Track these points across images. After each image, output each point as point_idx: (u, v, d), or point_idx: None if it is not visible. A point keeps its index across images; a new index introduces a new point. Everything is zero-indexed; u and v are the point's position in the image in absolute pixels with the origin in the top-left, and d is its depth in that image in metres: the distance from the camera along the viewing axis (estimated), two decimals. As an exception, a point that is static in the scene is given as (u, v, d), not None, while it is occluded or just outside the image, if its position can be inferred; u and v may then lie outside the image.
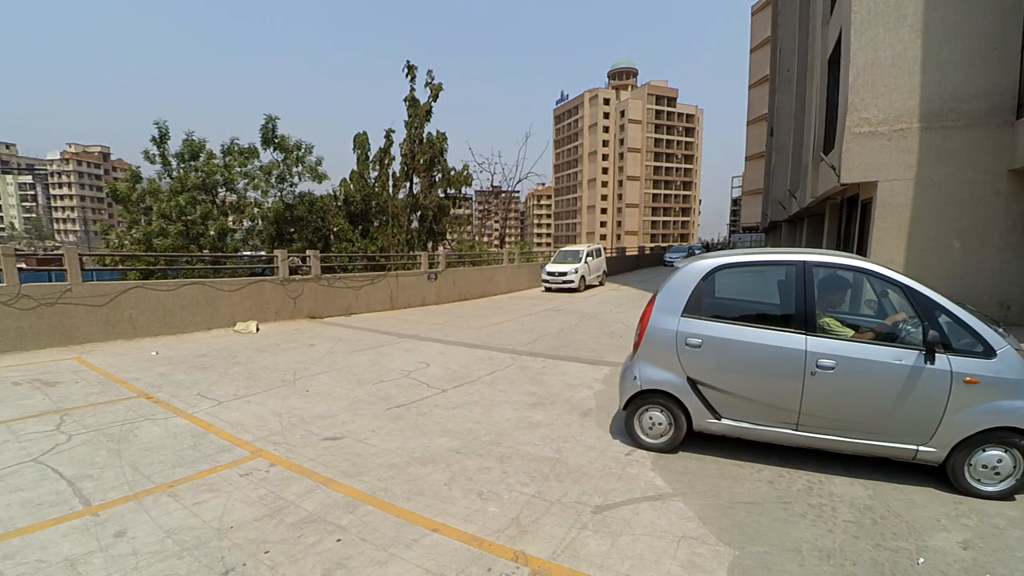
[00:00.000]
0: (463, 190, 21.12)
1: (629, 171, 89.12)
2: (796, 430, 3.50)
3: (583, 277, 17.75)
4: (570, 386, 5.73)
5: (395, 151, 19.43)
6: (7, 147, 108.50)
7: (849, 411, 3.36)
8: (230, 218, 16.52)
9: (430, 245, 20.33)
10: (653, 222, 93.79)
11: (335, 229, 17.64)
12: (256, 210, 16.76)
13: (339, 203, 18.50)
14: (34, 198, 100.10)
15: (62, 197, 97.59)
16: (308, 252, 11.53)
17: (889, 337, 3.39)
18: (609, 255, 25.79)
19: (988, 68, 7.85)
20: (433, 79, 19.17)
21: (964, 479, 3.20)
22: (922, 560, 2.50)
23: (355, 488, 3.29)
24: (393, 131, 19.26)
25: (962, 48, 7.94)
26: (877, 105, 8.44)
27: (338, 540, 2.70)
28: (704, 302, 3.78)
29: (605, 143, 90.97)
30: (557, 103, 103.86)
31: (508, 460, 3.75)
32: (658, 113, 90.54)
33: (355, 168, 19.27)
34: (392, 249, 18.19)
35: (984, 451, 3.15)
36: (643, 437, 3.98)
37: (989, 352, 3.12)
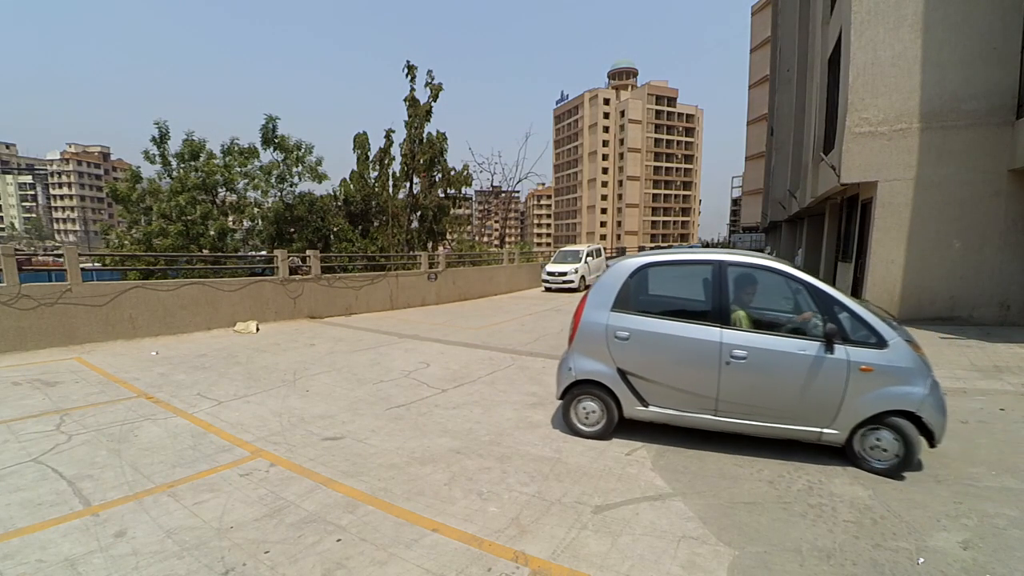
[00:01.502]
0: (463, 190, 21.10)
1: (629, 171, 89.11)
2: (715, 416, 3.80)
3: (583, 277, 17.75)
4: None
5: (395, 151, 19.42)
6: (7, 147, 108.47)
7: (761, 397, 3.66)
8: (230, 218, 16.52)
9: (430, 245, 20.33)
10: (653, 222, 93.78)
11: (335, 229, 17.64)
12: (256, 210, 16.75)
13: (339, 203, 18.50)
14: (34, 198, 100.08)
15: (62, 197, 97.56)
16: (308, 252, 11.53)
17: (796, 329, 3.71)
18: (609, 255, 25.78)
19: (988, 68, 7.85)
20: (433, 79, 19.16)
21: (861, 457, 3.57)
22: (922, 560, 2.50)
23: (355, 488, 3.29)
24: (393, 131, 19.26)
25: (962, 48, 7.94)
26: (877, 105, 8.44)
27: (338, 540, 2.70)
28: (631, 298, 4.07)
29: (605, 143, 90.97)
30: (557, 103, 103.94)
31: (508, 460, 3.75)
32: (658, 113, 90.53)
33: (355, 168, 19.27)
34: (392, 249, 18.19)
35: (877, 432, 3.50)
36: (579, 425, 4.24)
37: (882, 343, 3.45)
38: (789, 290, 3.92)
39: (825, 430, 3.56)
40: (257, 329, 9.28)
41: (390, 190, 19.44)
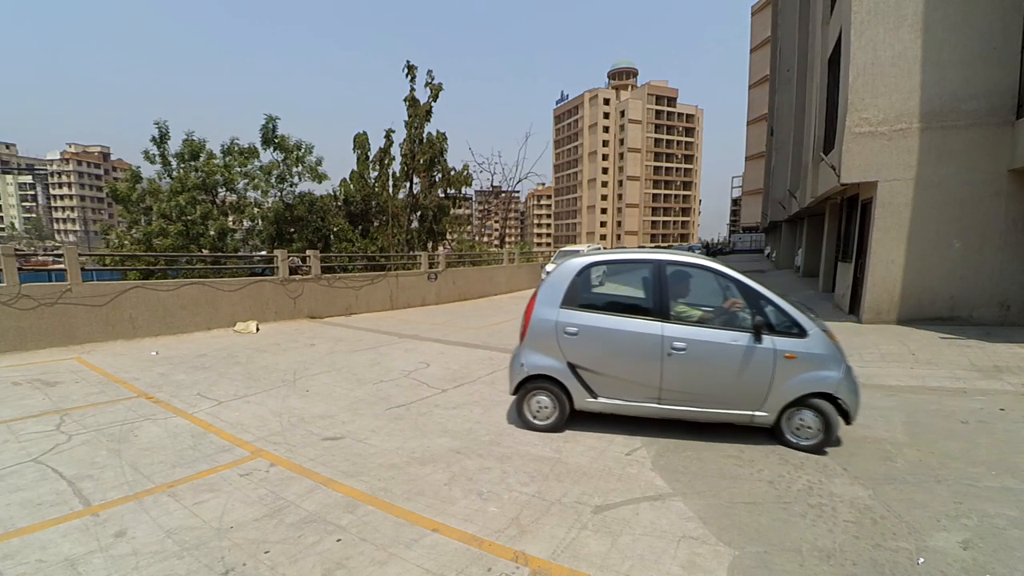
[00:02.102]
0: (463, 190, 21.09)
1: (629, 171, 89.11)
2: (659, 404, 4.07)
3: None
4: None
5: (395, 151, 19.42)
6: (7, 147, 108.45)
7: (700, 385, 3.97)
8: (230, 218, 16.51)
9: (430, 245, 20.32)
10: (653, 222, 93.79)
11: (335, 229, 17.63)
12: (256, 210, 16.74)
13: (339, 203, 18.50)
14: (34, 198, 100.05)
15: (62, 197, 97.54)
16: (308, 252, 11.53)
17: (728, 322, 4.02)
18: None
19: (988, 68, 7.84)
20: (433, 79, 19.16)
21: (787, 437, 3.93)
22: (922, 560, 2.50)
23: (355, 488, 3.29)
24: (393, 131, 19.26)
25: (962, 48, 7.93)
26: (877, 105, 8.43)
27: (338, 540, 2.70)
28: (578, 295, 4.25)
29: (605, 143, 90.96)
30: (557, 103, 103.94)
31: (508, 460, 3.75)
32: (658, 113, 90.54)
33: (355, 168, 19.26)
34: (392, 249, 18.18)
35: (801, 413, 3.88)
36: (532, 419, 4.36)
37: (803, 333, 3.83)
38: (720, 287, 4.24)
39: (756, 413, 3.92)
40: (257, 329, 9.28)
41: (390, 190, 19.44)
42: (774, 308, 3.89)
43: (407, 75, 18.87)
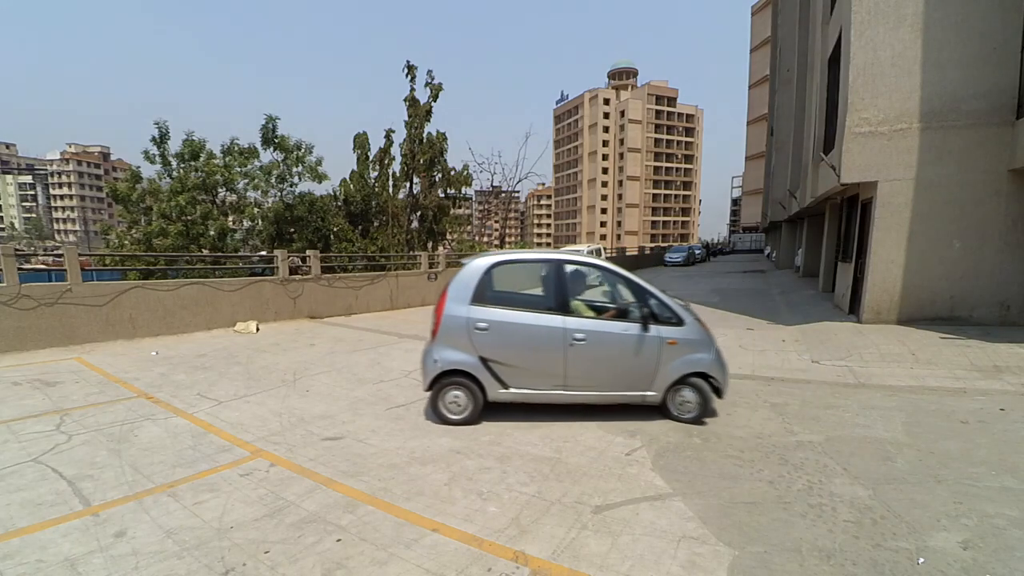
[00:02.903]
0: (463, 190, 21.10)
1: (629, 171, 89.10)
2: (565, 390, 4.44)
3: (583, 277, 17.70)
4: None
5: (395, 151, 19.44)
6: (7, 147, 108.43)
7: (599, 371, 4.43)
8: (230, 218, 16.52)
9: (430, 245, 20.33)
10: (653, 222, 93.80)
11: (335, 229, 17.64)
12: (256, 210, 16.75)
13: (339, 203, 18.51)
14: (34, 198, 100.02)
15: (62, 197, 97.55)
16: (308, 252, 11.53)
17: (621, 314, 4.54)
18: (609, 255, 25.78)
19: (988, 68, 7.84)
20: (433, 79, 19.19)
21: (673, 412, 4.52)
22: (922, 560, 2.50)
23: (355, 488, 3.29)
24: (393, 131, 19.28)
25: (962, 48, 7.93)
26: (877, 105, 8.43)
27: (338, 540, 2.70)
28: (487, 292, 4.49)
29: (605, 143, 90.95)
30: (557, 103, 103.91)
31: (508, 460, 3.75)
32: (658, 113, 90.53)
33: (355, 168, 19.28)
34: (392, 249, 18.18)
35: (682, 391, 4.47)
36: (447, 414, 4.49)
37: (681, 322, 4.44)
38: (611, 283, 4.85)
39: (647, 393, 4.48)
40: (257, 329, 9.28)
41: (390, 190, 19.46)
42: (657, 301, 4.45)
43: (407, 75, 18.90)
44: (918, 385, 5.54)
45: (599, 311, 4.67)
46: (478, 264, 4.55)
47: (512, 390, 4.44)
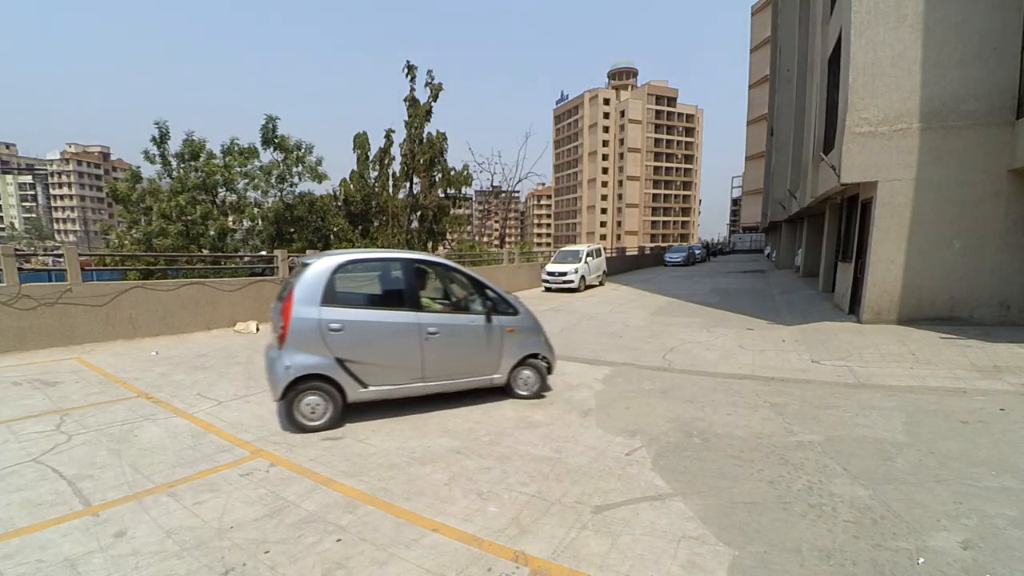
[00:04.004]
0: (463, 190, 21.13)
1: (629, 171, 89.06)
2: (423, 382, 4.65)
3: (583, 277, 17.73)
4: (570, 386, 5.73)
5: (395, 151, 19.46)
6: (7, 147, 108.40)
7: (453, 361, 4.78)
8: (230, 218, 16.52)
9: (430, 245, 20.35)
10: (653, 222, 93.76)
11: (335, 229, 17.65)
12: (256, 210, 16.75)
13: (339, 203, 18.52)
14: (34, 198, 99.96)
15: (62, 197, 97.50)
16: (308, 252, 11.52)
17: (467, 308, 4.98)
18: (609, 255, 25.75)
19: (988, 68, 7.84)
20: (433, 79, 19.22)
21: (516, 391, 5.17)
22: (922, 560, 2.50)
23: (355, 488, 3.29)
24: (393, 131, 19.30)
25: (962, 48, 7.93)
26: (877, 105, 8.43)
27: (338, 540, 2.70)
28: (338, 292, 4.45)
29: (605, 143, 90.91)
30: (557, 103, 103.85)
31: (508, 460, 3.75)
32: (658, 113, 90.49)
33: (355, 168, 19.30)
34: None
35: (522, 371, 5.17)
36: (306, 422, 4.30)
37: (516, 312, 5.09)
38: (457, 280, 5.23)
39: (494, 376, 5.01)
40: (257, 329, 9.28)
41: (390, 190, 19.47)
42: (496, 295, 5.00)
43: (407, 75, 18.92)
44: (918, 385, 5.54)
45: (446, 306, 5.09)
46: (325, 264, 4.39)
47: (372, 388, 4.45)
